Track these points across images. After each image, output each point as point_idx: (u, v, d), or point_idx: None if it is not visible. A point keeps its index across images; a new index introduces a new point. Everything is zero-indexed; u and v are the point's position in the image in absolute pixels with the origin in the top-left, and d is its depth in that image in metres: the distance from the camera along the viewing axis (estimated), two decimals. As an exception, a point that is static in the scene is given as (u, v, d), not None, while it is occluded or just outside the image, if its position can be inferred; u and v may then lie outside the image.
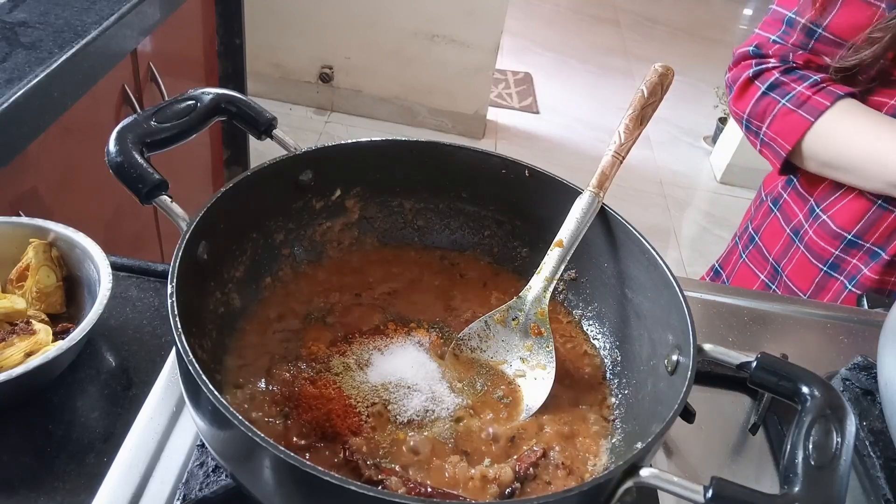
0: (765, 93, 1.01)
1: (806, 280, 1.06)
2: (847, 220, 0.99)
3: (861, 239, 0.99)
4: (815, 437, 0.48)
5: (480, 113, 3.19)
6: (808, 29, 0.98)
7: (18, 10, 1.15)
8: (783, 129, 1.00)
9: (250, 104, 0.66)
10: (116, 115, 1.37)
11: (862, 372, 0.78)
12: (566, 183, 0.70)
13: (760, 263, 1.14)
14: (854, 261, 1.01)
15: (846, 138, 0.95)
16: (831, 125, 0.95)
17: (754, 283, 1.14)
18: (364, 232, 0.76)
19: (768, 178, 1.18)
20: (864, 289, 1.00)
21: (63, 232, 0.75)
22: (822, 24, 0.96)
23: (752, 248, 1.16)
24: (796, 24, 0.99)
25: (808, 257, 1.05)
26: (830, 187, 1.01)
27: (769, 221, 1.13)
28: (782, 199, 1.11)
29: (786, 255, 1.09)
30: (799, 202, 1.07)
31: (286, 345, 0.66)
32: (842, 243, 1.00)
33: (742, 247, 1.19)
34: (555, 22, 4.42)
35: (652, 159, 3.28)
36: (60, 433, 0.65)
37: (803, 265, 1.06)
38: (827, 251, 1.02)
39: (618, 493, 0.47)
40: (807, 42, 0.99)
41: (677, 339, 0.58)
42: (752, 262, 1.15)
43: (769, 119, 1.01)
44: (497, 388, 0.66)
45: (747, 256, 1.17)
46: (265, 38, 2.92)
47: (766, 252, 1.13)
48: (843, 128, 0.95)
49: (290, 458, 0.43)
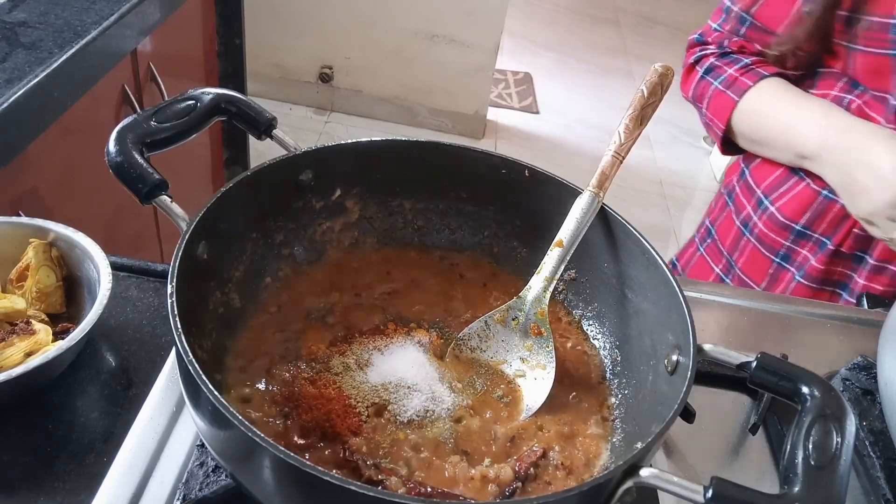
0: (702, 76, 1.07)
1: (759, 272, 1.07)
2: (794, 210, 1.01)
3: (809, 229, 1.01)
4: (815, 437, 0.48)
5: (480, 113, 3.19)
6: (739, 16, 1.05)
7: (18, 10, 1.15)
8: (717, 110, 1.05)
9: (250, 104, 0.66)
10: (116, 115, 1.37)
11: (862, 372, 0.78)
12: (566, 183, 0.70)
13: (716, 256, 1.15)
14: (804, 251, 1.02)
15: (764, 114, 1.01)
16: (754, 103, 1.01)
17: (710, 276, 1.15)
18: (364, 232, 0.76)
19: (728, 171, 1.20)
20: (811, 279, 1.01)
21: (63, 232, 0.75)
22: (751, 12, 1.03)
23: (710, 241, 1.17)
24: (731, 12, 1.06)
25: (760, 249, 1.06)
26: (778, 179, 1.03)
27: (724, 215, 1.15)
28: (734, 191, 1.13)
29: (737, 247, 1.10)
30: (748, 194, 1.08)
31: (286, 345, 0.66)
32: (791, 234, 1.02)
33: (699, 240, 1.20)
34: (555, 22, 4.42)
35: (652, 159, 3.28)
36: (60, 433, 0.65)
37: (755, 257, 1.07)
38: (778, 243, 1.04)
39: (618, 493, 0.47)
40: (738, 29, 1.06)
41: (677, 339, 0.58)
42: (709, 255, 1.16)
43: (706, 101, 1.07)
44: (497, 387, 0.66)
45: (704, 249, 1.18)
46: (265, 38, 2.91)
47: (720, 245, 1.14)
48: (762, 105, 1.01)
49: (290, 458, 0.43)
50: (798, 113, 0.97)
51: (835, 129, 0.93)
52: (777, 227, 1.03)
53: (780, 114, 0.99)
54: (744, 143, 1.06)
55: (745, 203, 1.09)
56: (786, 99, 0.99)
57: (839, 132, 0.92)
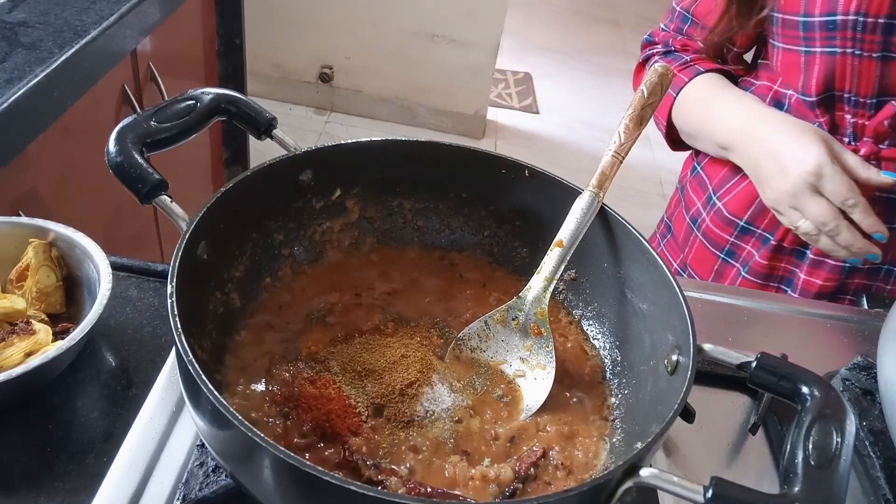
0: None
1: (705, 268, 1.09)
2: (739, 206, 1.02)
3: (752, 225, 1.02)
4: (815, 437, 0.48)
5: (480, 113, 3.19)
6: (682, 15, 1.09)
7: (18, 10, 1.15)
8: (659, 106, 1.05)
9: (250, 104, 0.66)
10: (116, 115, 1.37)
11: (862, 372, 0.78)
12: (566, 183, 0.70)
13: (675, 251, 1.16)
14: (748, 247, 1.03)
15: (693, 107, 1.04)
16: (687, 98, 1.04)
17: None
18: (364, 232, 0.76)
19: (683, 166, 1.21)
20: (755, 275, 1.03)
21: (63, 232, 0.75)
22: (691, 10, 1.07)
23: (669, 237, 1.18)
24: (675, 12, 1.10)
25: (706, 245, 1.08)
26: (726, 175, 1.04)
27: (678, 211, 1.16)
28: (686, 187, 1.14)
29: (687, 243, 1.12)
30: (698, 190, 1.10)
31: (286, 345, 0.66)
32: (735, 230, 1.03)
33: (660, 236, 1.21)
34: (555, 22, 4.42)
35: (652, 159, 3.28)
36: (60, 433, 0.65)
37: (702, 253, 1.09)
38: (723, 238, 1.05)
39: (618, 493, 0.47)
40: (681, 27, 1.09)
41: (677, 339, 0.58)
42: (669, 251, 1.18)
43: None
44: (497, 387, 0.66)
45: (665, 245, 1.19)
46: (265, 38, 2.91)
47: (677, 240, 1.15)
48: (693, 99, 1.04)
49: (290, 458, 0.43)
50: (722, 105, 1.00)
51: (748, 119, 0.96)
52: (722, 223, 1.04)
53: (706, 107, 1.02)
54: (683, 136, 1.09)
55: (694, 199, 1.10)
56: (713, 93, 1.02)
57: (751, 122, 0.96)
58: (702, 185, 1.09)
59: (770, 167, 0.91)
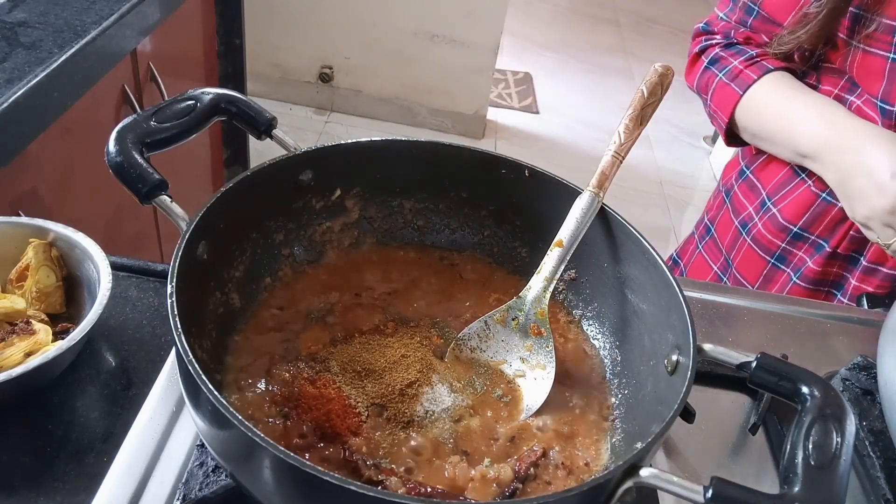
0: (707, 67, 1.07)
1: (754, 272, 1.07)
2: (795, 213, 1.01)
3: (807, 231, 1.00)
4: (815, 437, 0.48)
5: (480, 113, 3.19)
6: (746, 7, 1.04)
7: (18, 10, 1.15)
8: (721, 102, 1.05)
9: (250, 104, 0.66)
10: (116, 115, 1.37)
11: (862, 372, 0.78)
12: (566, 183, 0.70)
13: (715, 255, 1.15)
14: (800, 253, 1.02)
15: (766, 109, 1.00)
16: (757, 98, 1.00)
17: (708, 274, 1.15)
18: (364, 232, 0.76)
19: (726, 169, 1.19)
20: (807, 280, 1.01)
21: (63, 232, 0.75)
22: (758, 3, 1.02)
23: (708, 239, 1.16)
24: (738, 2, 1.05)
25: (756, 250, 1.06)
26: (782, 180, 1.03)
27: (722, 213, 1.14)
28: (733, 190, 1.12)
29: (734, 247, 1.10)
30: (750, 195, 1.08)
31: (286, 345, 0.66)
32: (788, 236, 1.02)
33: (698, 237, 1.20)
34: (555, 22, 4.42)
35: (652, 159, 3.28)
36: (60, 433, 0.65)
37: (751, 258, 1.07)
38: (774, 244, 1.03)
39: (618, 493, 0.47)
40: (745, 19, 1.04)
41: (677, 339, 0.58)
42: (707, 254, 1.16)
43: (710, 92, 1.06)
44: (497, 387, 0.66)
45: (703, 247, 1.18)
46: (265, 38, 2.91)
47: (719, 243, 1.14)
48: (766, 100, 1.00)
49: (290, 458, 0.43)
50: (801, 110, 0.96)
51: (836, 129, 0.92)
52: (775, 229, 1.03)
53: (783, 110, 0.98)
54: (747, 136, 1.05)
55: (745, 204, 1.08)
56: (789, 95, 0.98)
57: (840, 133, 0.91)
58: (753, 190, 1.07)
59: (863, 182, 0.87)
